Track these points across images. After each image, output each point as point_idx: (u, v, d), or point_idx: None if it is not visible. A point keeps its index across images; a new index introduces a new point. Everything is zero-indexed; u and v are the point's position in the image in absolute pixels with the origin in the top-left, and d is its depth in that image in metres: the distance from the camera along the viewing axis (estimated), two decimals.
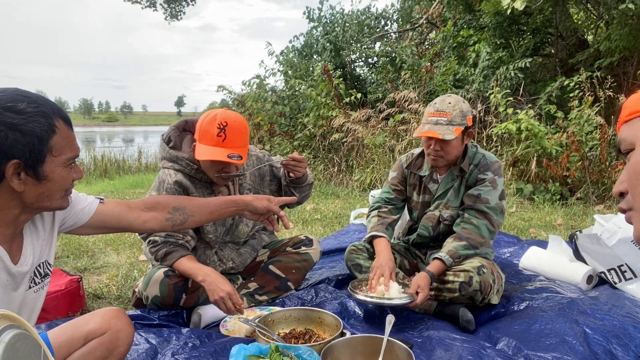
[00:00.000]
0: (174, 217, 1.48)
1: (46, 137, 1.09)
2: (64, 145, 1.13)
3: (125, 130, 58.99)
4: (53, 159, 1.11)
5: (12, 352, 0.75)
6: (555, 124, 5.55)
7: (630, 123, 0.73)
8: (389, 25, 10.39)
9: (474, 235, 2.11)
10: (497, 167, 2.21)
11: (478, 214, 2.14)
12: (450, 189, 2.26)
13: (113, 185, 7.67)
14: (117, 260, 3.15)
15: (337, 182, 6.49)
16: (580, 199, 4.82)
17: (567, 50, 7.37)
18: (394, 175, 2.45)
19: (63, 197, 1.19)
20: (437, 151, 2.15)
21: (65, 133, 1.13)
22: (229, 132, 1.93)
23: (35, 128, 1.07)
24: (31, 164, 1.08)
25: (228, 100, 9.02)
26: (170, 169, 2.09)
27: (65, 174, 1.15)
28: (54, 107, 1.13)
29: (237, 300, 1.88)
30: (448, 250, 2.08)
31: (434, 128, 2.10)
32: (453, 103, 2.13)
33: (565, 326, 1.75)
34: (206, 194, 2.11)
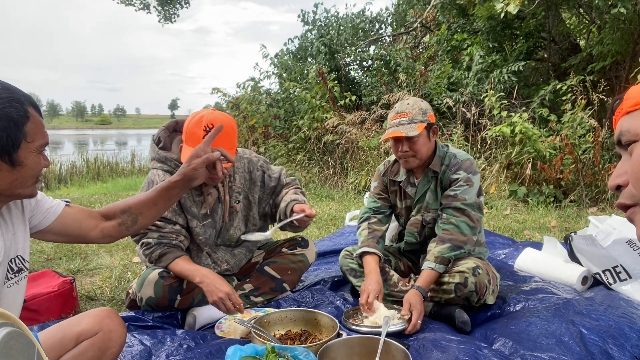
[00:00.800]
0: (124, 220, 1.46)
1: (22, 123, 1.09)
2: (36, 132, 1.14)
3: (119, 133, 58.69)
4: (27, 145, 1.12)
5: (6, 350, 0.74)
6: (548, 127, 5.58)
7: (635, 114, 0.71)
8: (383, 29, 10.43)
9: (455, 234, 2.09)
10: (469, 164, 2.19)
11: (456, 212, 2.12)
12: (428, 191, 2.26)
13: (106, 188, 7.63)
14: (110, 262, 3.12)
15: (332, 185, 6.49)
16: (573, 201, 4.85)
17: (559, 54, 7.43)
18: (375, 184, 2.44)
19: (33, 185, 1.20)
20: (405, 152, 2.15)
21: (37, 120, 1.14)
22: None
23: (12, 113, 1.07)
24: (7, 150, 1.09)
25: (222, 103, 9.01)
26: (159, 169, 2.07)
27: (38, 161, 1.16)
28: (24, 94, 1.14)
29: (236, 299, 1.86)
30: (435, 257, 2.06)
31: (397, 129, 2.12)
32: (412, 103, 2.16)
33: (562, 327, 1.75)
34: (195, 196, 2.09)
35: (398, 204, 2.38)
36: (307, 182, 6.57)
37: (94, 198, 5.92)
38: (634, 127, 0.70)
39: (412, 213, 2.33)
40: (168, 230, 2.03)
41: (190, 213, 2.08)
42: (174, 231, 2.05)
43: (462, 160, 2.19)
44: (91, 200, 5.63)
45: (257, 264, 2.35)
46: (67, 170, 9.82)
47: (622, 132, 0.72)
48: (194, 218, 2.09)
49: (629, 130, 0.71)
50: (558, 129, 5.37)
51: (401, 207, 2.37)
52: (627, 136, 0.71)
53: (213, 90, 8.61)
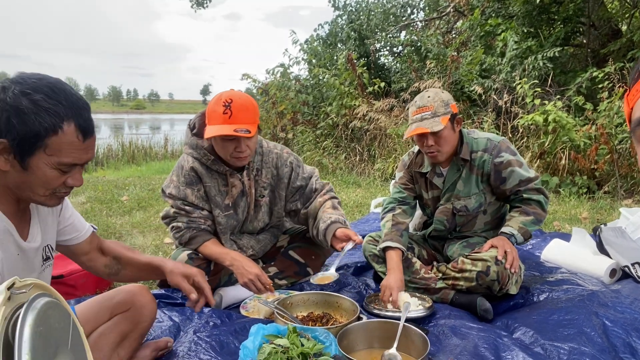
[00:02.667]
0: (111, 265, 1.53)
1: (43, 135, 1.05)
2: (62, 149, 1.09)
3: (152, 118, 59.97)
4: (44, 156, 1.08)
5: (44, 319, 0.81)
6: (584, 116, 5.41)
7: None
8: (415, 14, 10.24)
9: (538, 210, 2.14)
10: (507, 145, 2.19)
11: (533, 192, 2.15)
12: (459, 180, 2.23)
13: (140, 171, 7.86)
14: (143, 242, 3.25)
15: (359, 172, 6.49)
16: (608, 192, 4.71)
17: (599, 40, 7.15)
18: (400, 175, 2.42)
19: (48, 196, 1.16)
20: (431, 146, 2.12)
21: (70, 138, 1.09)
22: (234, 108, 1.89)
23: (35, 122, 1.04)
24: (18, 151, 1.06)
25: (252, 88, 9.09)
26: (189, 155, 2.11)
27: (52, 175, 1.11)
28: (72, 110, 1.09)
29: (265, 280, 1.93)
30: (519, 227, 2.08)
31: (421, 124, 2.08)
32: (432, 95, 2.11)
33: (584, 318, 1.74)
34: (221, 185, 2.12)
35: (424, 194, 2.37)
36: (334, 169, 6.60)
37: (128, 180, 6.13)
38: None
39: (440, 202, 2.32)
40: (197, 215, 2.09)
41: (214, 202, 2.13)
42: (202, 216, 2.10)
43: (499, 142, 2.19)
44: (125, 183, 5.83)
45: (281, 248, 2.41)
46: (103, 153, 10.16)
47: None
48: (217, 207, 2.13)
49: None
50: (594, 117, 5.19)
51: (428, 198, 2.36)
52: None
53: (243, 76, 8.69)
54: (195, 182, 2.09)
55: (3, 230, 1.14)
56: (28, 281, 0.83)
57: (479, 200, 2.24)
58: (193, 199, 2.08)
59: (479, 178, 2.21)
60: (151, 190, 5.23)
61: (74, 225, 1.42)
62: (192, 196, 2.08)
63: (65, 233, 1.41)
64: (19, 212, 1.21)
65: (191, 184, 2.08)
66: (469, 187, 2.23)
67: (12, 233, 1.17)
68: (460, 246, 2.31)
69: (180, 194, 2.08)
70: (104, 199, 4.73)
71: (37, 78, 1.08)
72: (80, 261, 1.50)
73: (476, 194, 2.23)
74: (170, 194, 2.09)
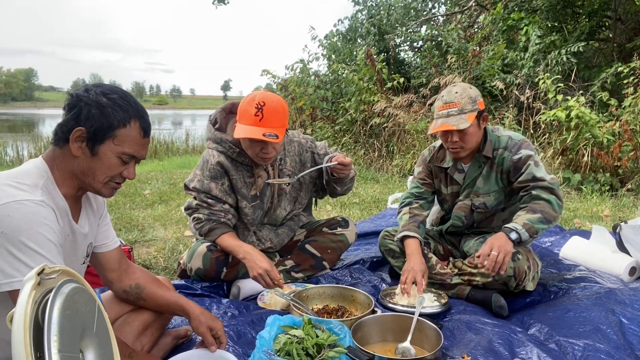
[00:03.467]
0: (131, 292, 1.54)
1: (115, 126, 1.24)
2: (127, 140, 1.27)
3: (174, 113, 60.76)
4: (112, 145, 1.26)
5: (71, 303, 0.85)
6: (608, 112, 5.29)
7: None
8: (436, 8, 10.13)
9: (547, 209, 2.01)
10: (527, 143, 2.15)
11: (544, 191, 2.05)
12: (479, 177, 2.22)
13: (162, 166, 8.00)
14: (164, 235, 3.33)
15: (377, 167, 6.49)
16: (631, 190, 4.61)
17: (626, 34, 6.97)
18: (419, 170, 2.41)
19: (105, 184, 1.31)
20: (455, 142, 2.10)
21: (134, 133, 1.28)
22: (266, 111, 1.95)
23: (111, 114, 1.24)
24: (92, 138, 1.24)
25: (272, 84, 9.14)
26: (214, 149, 2.16)
27: (115, 163, 1.28)
28: (138, 111, 1.29)
29: (274, 275, 1.95)
30: (524, 223, 1.96)
31: (447, 121, 2.05)
32: (460, 91, 2.08)
33: (601, 315, 1.73)
34: (246, 177, 2.18)
35: (443, 189, 2.36)
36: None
37: (150, 175, 6.25)
38: None
39: (459, 198, 2.32)
40: (218, 209, 2.14)
41: (240, 194, 2.18)
42: (224, 210, 2.15)
43: (520, 140, 2.16)
44: (148, 177, 5.95)
45: (298, 242, 2.45)
46: None
47: None
48: (244, 199, 2.19)
49: None
50: (618, 114, 5.08)
51: (447, 193, 2.35)
52: None
53: (263, 72, 8.75)
54: (220, 176, 2.14)
55: (63, 209, 1.27)
56: (57, 267, 0.88)
57: (498, 198, 2.23)
58: (217, 192, 2.14)
59: (498, 176, 2.20)
60: (173, 185, 5.33)
61: (107, 233, 1.52)
62: (215, 190, 2.13)
63: (98, 239, 1.49)
64: (75, 199, 1.34)
65: (216, 178, 2.14)
66: (489, 185, 2.22)
67: (68, 213, 1.29)
68: (477, 242, 2.30)
69: (204, 187, 2.13)
70: (127, 193, 4.85)
71: (112, 85, 1.33)
72: (106, 277, 1.54)
73: (495, 191, 2.22)
74: (195, 187, 2.15)
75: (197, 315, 1.50)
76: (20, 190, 1.16)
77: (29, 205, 1.14)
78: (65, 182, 1.28)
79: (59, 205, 1.25)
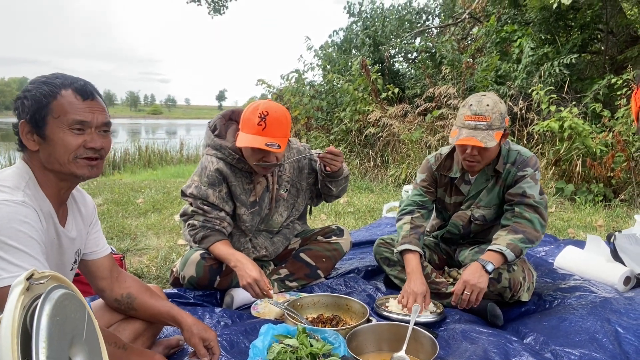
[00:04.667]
0: (122, 301, 1.51)
1: (45, 102, 1.20)
2: (64, 109, 1.21)
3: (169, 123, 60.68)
4: (54, 121, 1.21)
5: (61, 309, 0.83)
6: (601, 123, 5.34)
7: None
8: (430, 20, 10.23)
9: (529, 229, 2.00)
10: (535, 161, 2.13)
11: (528, 208, 2.04)
12: (484, 189, 2.20)
13: (155, 175, 7.97)
14: (157, 243, 3.30)
15: (372, 177, 6.50)
16: (624, 200, 4.64)
17: (617, 47, 7.05)
18: (423, 177, 2.33)
19: (73, 162, 1.24)
20: (474, 156, 2.03)
21: (69, 99, 1.22)
22: (269, 121, 1.95)
23: (37, 93, 1.21)
24: (35, 125, 1.21)
25: (267, 94, 9.16)
26: (213, 156, 2.14)
27: (69, 137, 1.22)
28: (66, 79, 1.25)
29: (263, 285, 1.90)
30: (507, 244, 1.95)
31: (474, 134, 1.95)
32: (492, 105, 1.97)
33: (596, 324, 1.72)
34: (245, 184, 2.16)
35: (446, 199, 2.31)
36: None
37: (144, 183, 6.22)
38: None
39: (461, 207, 2.29)
40: (213, 216, 2.12)
41: (239, 200, 2.17)
42: (219, 217, 2.13)
43: (529, 158, 2.12)
44: (141, 186, 5.92)
45: (293, 250, 2.43)
46: (120, 157, 10.33)
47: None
48: (242, 205, 2.17)
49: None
50: (611, 125, 5.13)
51: (449, 203, 2.31)
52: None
53: (258, 81, 8.77)
54: (218, 182, 2.12)
55: (47, 212, 1.24)
56: (46, 273, 0.86)
57: (497, 211, 2.21)
58: (214, 199, 2.12)
59: (501, 190, 2.17)
60: (166, 193, 5.30)
61: (97, 240, 1.50)
62: (213, 196, 2.11)
63: (88, 246, 1.47)
64: (59, 200, 1.31)
65: (214, 185, 2.12)
66: (491, 198, 2.19)
67: (53, 216, 1.27)
68: (472, 252, 2.29)
69: (201, 194, 2.11)
70: (120, 201, 4.81)
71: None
72: (97, 286, 1.52)
73: (496, 204, 2.20)
74: (192, 193, 2.13)
75: (189, 326, 1.48)
76: (1, 192, 1.15)
77: (10, 205, 1.13)
78: (46, 182, 1.26)
79: (42, 207, 1.23)
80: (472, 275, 1.91)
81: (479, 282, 1.90)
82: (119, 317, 1.56)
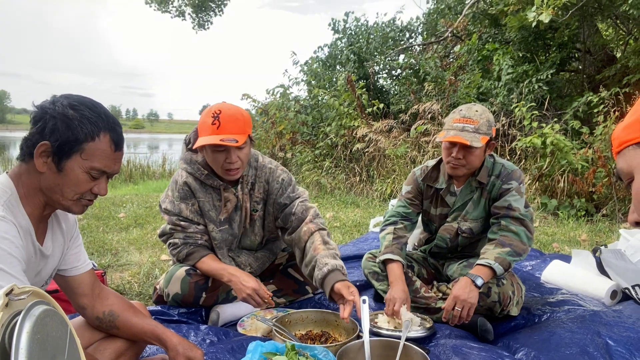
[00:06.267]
0: (104, 320, 1.46)
1: (82, 139, 1.17)
2: (96, 155, 1.20)
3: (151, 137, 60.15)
4: (79, 160, 1.19)
5: (42, 326, 0.79)
6: (580, 140, 5.46)
7: (621, 154, 0.74)
8: (413, 38, 10.41)
9: (515, 242, 2.01)
10: (519, 174, 2.16)
11: (514, 221, 2.06)
12: (469, 201, 2.21)
13: (137, 190, 7.83)
14: (139, 259, 3.22)
15: (358, 192, 6.49)
16: (606, 215, 4.71)
17: (595, 66, 7.26)
18: (408, 189, 2.35)
19: (75, 201, 1.24)
20: (458, 159, 2.06)
21: (103, 147, 1.21)
22: (222, 118, 1.89)
23: (77, 127, 1.17)
24: (57, 153, 1.17)
25: (252, 109, 9.14)
26: (183, 170, 2.10)
27: (84, 179, 1.21)
28: (109, 123, 1.22)
29: (263, 294, 1.89)
30: (495, 258, 1.95)
31: (461, 134, 2.01)
32: (480, 111, 2.06)
33: (587, 337, 1.72)
34: (215, 200, 2.09)
35: (432, 210, 2.32)
36: (332, 189, 6.60)
37: (125, 198, 6.10)
38: (625, 167, 0.74)
39: (447, 220, 2.29)
40: (193, 231, 2.07)
41: (208, 217, 2.09)
42: (199, 231, 2.08)
43: (513, 171, 2.15)
44: (123, 200, 5.80)
45: (280, 266, 2.38)
46: None
47: (619, 172, 0.76)
48: (211, 222, 2.10)
49: (622, 169, 0.75)
50: (590, 141, 5.24)
51: (435, 215, 2.32)
52: (623, 176, 0.75)
53: (243, 96, 8.75)
54: (189, 196, 2.07)
55: (25, 229, 1.20)
56: (26, 288, 0.82)
57: (484, 224, 2.22)
58: (187, 214, 2.06)
59: (487, 202, 2.19)
60: (148, 208, 5.21)
61: (78, 255, 1.44)
62: (186, 211, 2.06)
63: (68, 261, 1.41)
64: (41, 219, 1.27)
65: (185, 199, 2.07)
66: (477, 211, 2.20)
67: (31, 233, 1.22)
68: (460, 266, 2.29)
69: (175, 209, 2.06)
70: (101, 216, 4.70)
71: (81, 96, 1.24)
72: (78, 303, 1.46)
73: (483, 217, 2.21)
74: (166, 209, 2.08)
75: (174, 346, 1.43)
76: None
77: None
78: (31, 200, 1.22)
79: (21, 224, 1.18)
80: (462, 291, 1.91)
81: (469, 298, 1.89)
82: (100, 335, 1.50)
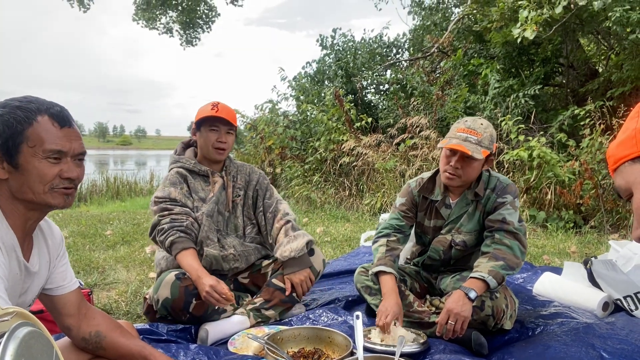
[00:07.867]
0: (90, 341, 1.42)
1: (20, 129, 1.13)
2: (41, 137, 1.14)
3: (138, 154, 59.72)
4: (29, 150, 1.14)
5: (26, 349, 0.76)
6: (567, 152, 5.53)
7: (618, 171, 0.75)
8: (400, 54, 10.54)
9: (509, 255, 2.01)
10: (514, 189, 2.17)
11: (508, 235, 2.06)
12: (464, 214, 2.21)
13: (124, 207, 7.74)
14: (126, 277, 3.15)
15: (348, 206, 6.48)
16: (594, 227, 4.75)
17: (578, 80, 7.40)
18: (402, 201, 2.34)
19: (49, 193, 1.18)
20: (456, 169, 2.06)
21: (46, 127, 1.15)
22: (220, 107, 2.28)
23: (11, 120, 1.13)
24: (6, 153, 1.13)
25: (240, 124, 9.14)
26: (174, 168, 2.35)
27: (44, 167, 1.15)
28: (42, 104, 1.17)
29: (221, 289, 1.93)
30: (489, 271, 1.94)
31: (463, 143, 2.02)
32: (485, 125, 2.09)
33: (581, 350, 1.71)
34: (203, 184, 2.34)
35: (426, 222, 2.31)
36: (322, 203, 6.58)
37: (112, 215, 6.02)
38: (624, 183, 0.75)
39: (441, 232, 2.28)
40: (178, 211, 2.17)
41: (199, 196, 2.31)
42: (184, 212, 2.18)
43: (508, 185, 2.17)
44: (110, 217, 5.72)
45: (266, 275, 2.37)
46: (87, 188, 9.99)
47: (618, 189, 0.77)
48: (201, 200, 2.30)
49: (621, 186, 0.76)
50: (577, 154, 5.31)
51: (429, 227, 2.31)
52: (622, 192, 0.76)
53: None
54: (179, 182, 2.29)
55: (10, 245, 1.16)
56: (10, 309, 0.79)
57: (478, 237, 2.22)
58: (175, 195, 2.23)
59: (481, 215, 2.20)
60: (136, 225, 5.13)
61: (64, 274, 1.40)
62: (175, 192, 2.24)
63: (54, 280, 1.37)
64: (25, 232, 1.22)
65: (175, 184, 2.27)
66: (472, 224, 2.21)
67: (16, 249, 1.18)
68: (453, 280, 2.27)
69: (164, 193, 2.23)
70: (87, 234, 4.62)
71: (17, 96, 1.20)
72: (63, 324, 1.41)
73: (477, 230, 2.21)
74: (156, 196, 2.24)
75: None
76: None
77: None
78: (12, 212, 1.17)
79: (4, 240, 1.14)
80: (455, 304, 1.89)
81: (462, 311, 1.88)
82: (86, 357, 1.45)
